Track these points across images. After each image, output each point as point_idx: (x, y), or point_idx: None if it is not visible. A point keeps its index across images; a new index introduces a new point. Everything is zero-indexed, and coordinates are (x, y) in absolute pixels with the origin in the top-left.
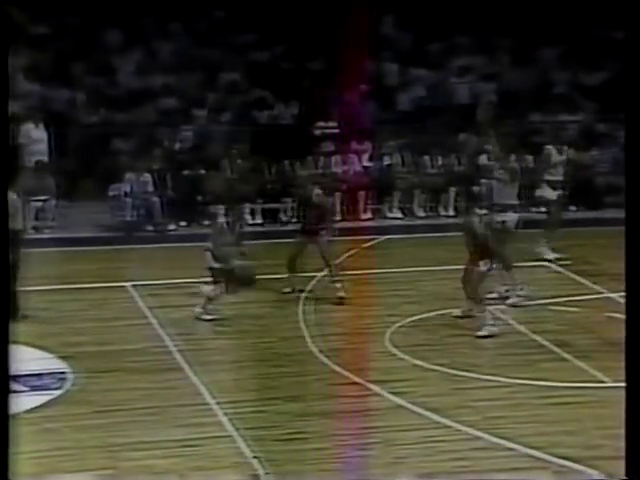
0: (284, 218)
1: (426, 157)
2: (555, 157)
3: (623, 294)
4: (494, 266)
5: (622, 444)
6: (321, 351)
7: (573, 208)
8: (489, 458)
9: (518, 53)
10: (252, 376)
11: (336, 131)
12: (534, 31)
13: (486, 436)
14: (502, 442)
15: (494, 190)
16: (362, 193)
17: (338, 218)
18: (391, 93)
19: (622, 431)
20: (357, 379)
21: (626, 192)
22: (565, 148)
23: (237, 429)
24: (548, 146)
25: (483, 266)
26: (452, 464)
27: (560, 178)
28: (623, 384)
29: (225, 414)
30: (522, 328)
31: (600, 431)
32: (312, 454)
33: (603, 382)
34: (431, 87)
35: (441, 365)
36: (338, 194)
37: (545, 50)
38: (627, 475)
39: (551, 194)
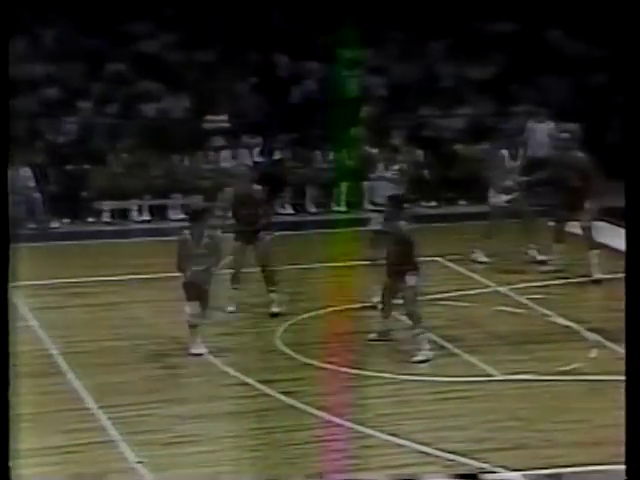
0: (173, 215)
1: (317, 152)
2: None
3: (512, 287)
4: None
5: (509, 436)
6: (210, 351)
7: (462, 202)
8: (379, 455)
9: (407, 46)
10: (136, 378)
11: (227, 125)
12: (422, 24)
13: (376, 433)
14: (392, 439)
15: (382, 189)
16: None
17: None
18: (282, 86)
19: (509, 423)
20: (247, 379)
21: (626, 192)
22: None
23: (121, 434)
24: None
25: (411, 280)
26: (342, 463)
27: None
28: (512, 377)
29: (108, 418)
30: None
31: (488, 424)
32: (199, 457)
33: (492, 376)
34: (322, 80)
35: (331, 363)
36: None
37: (433, 43)
38: (627, 475)
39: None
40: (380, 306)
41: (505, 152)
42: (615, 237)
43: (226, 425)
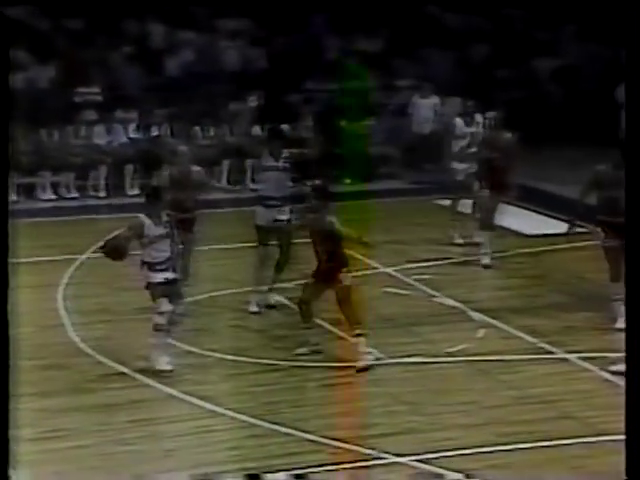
0: (42, 195)
1: (197, 127)
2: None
3: (398, 268)
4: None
5: (396, 420)
6: (84, 340)
7: (348, 181)
8: (265, 445)
9: (288, 17)
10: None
11: (99, 98)
12: None
13: (261, 422)
14: (278, 428)
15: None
16: (129, 167)
17: (103, 195)
18: (158, 57)
19: (397, 407)
20: (124, 369)
21: (626, 192)
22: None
23: None
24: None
25: (347, 279)
26: (226, 454)
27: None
28: (399, 360)
29: None
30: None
31: (376, 409)
32: (72, 452)
33: (380, 359)
34: (200, 51)
35: (214, 350)
36: (102, 168)
37: (315, 15)
38: (627, 475)
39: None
40: (302, 311)
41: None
42: (509, 216)
43: (100, 417)
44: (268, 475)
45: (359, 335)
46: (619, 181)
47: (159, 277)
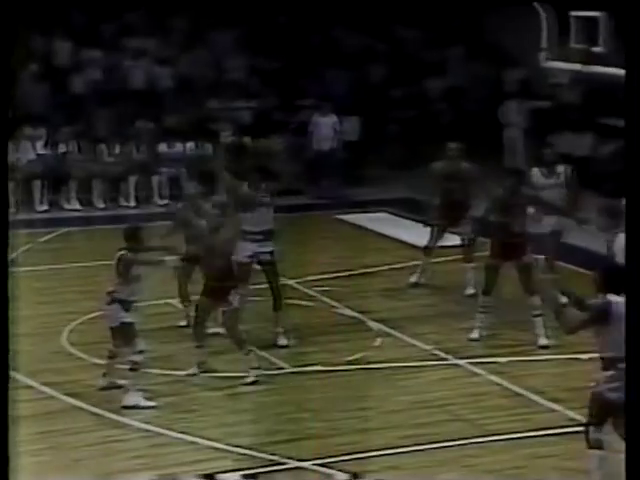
0: None
1: (103, 145)
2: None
3: (300, 280)
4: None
5: (298, 427)
6: None
7: None
8: (170, 454)
9: (193, 36)
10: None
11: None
12: (207, 13)
13: (167, 432)
14: (183, 437)
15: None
16: (37, 183)
17: (12, 210)
18: (64, 75)
19: (299, 415)
20: (30, 382)
21: (626, 192)
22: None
23: None
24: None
25: (235, 300)
26: (131, 462)
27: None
28: (301, 369)
29: None
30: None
31: (279, 417)
32: None
33: (282, 369)
34: (106, 70)
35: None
36: (11, 184)
37: (220, 34)
38: (627, 476)
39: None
40: (195, 330)
41: None
42: (397, 228)
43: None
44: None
45: (248, 353)
46: (510, 207)
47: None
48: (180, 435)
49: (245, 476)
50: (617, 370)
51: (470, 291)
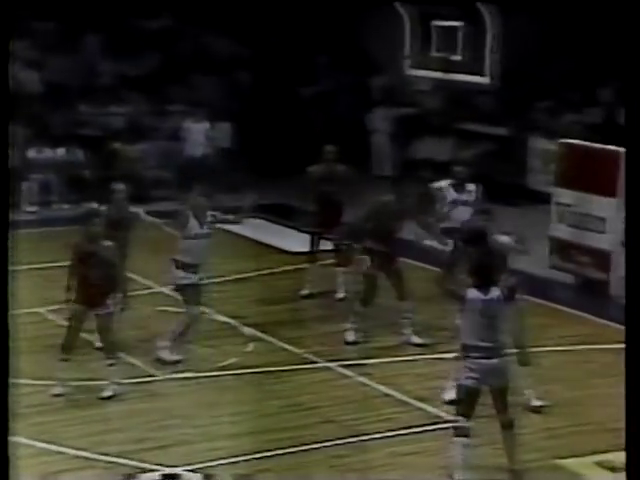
0: None
1: None
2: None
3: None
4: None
5: (168, 434)
6: None
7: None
8: (38, 465)
9: (62, 39)
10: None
11: None
12: (76, 16)
13: (34, 442)
14: (50, 447)
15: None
16: None
17: None
18: None
19: (169, 422)
20: None
21: (626, 192)
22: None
23: None
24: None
25: (111, 306)
26: None
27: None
28: (173, 376)
29: None
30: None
31: (148, 424)
32: None
33: (153, 376)
34: None
35: None
36: None
37: (89, 37)
38: (627, 476)
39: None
40: (67, 339)
41: None
42: (271, 234)
43: None
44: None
45: (111, 365)
46: (390, 213)
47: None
48: (45, 445)
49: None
50: (471, 357)
51: (341, 295)
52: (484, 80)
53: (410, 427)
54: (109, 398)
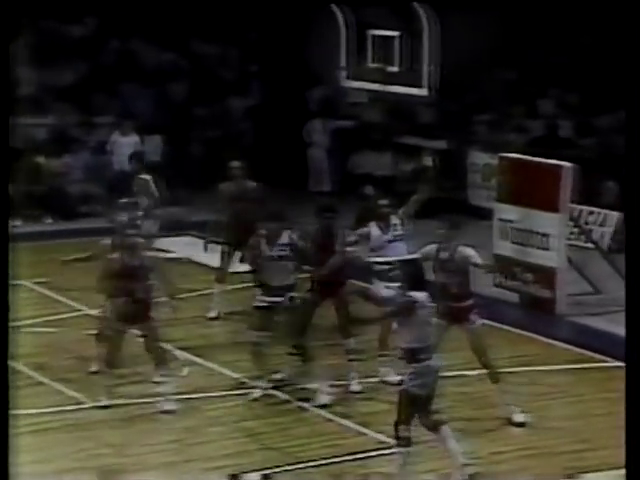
0: None
1: None
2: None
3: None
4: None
5: (102, 463)
6: None
7: (49, 220)
8: None
9: None
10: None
11: None
12: None
13: None
14: None
15: None
16: None
17: None
18: None
19: (102, 450)
20: None
21: (627, 193)
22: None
23: None
24: None
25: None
26: None
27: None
28: (107, 402)
29: None
30: None
31: (79, 454)
32: None
33: (82, 403)
34: None
35: None
36: None
37: (10, 44)
38: (627, 476)
39: None
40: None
41: None
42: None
43: None
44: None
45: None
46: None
47: None
48: None
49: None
50: (418, 362)
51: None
52: (422, 92)
53: (353, 453)
54: (169, 412)
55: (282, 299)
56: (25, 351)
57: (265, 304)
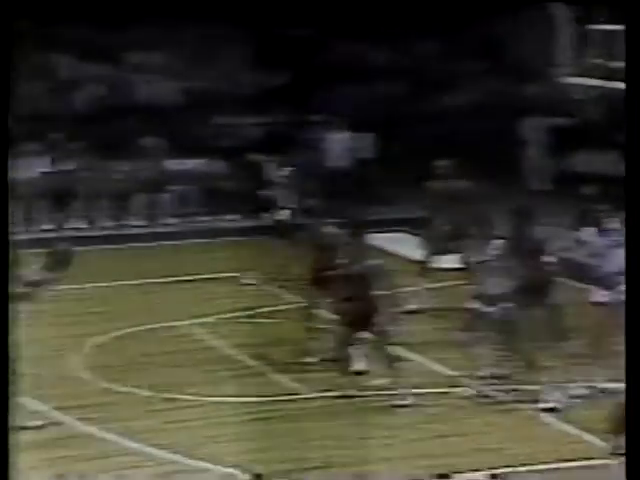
0: None
1: (110, 162)
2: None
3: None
4: None
5: (319, 455)
6: None
7: (265, 215)
8: None
9: (200, 50)
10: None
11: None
12: (216, 26)
13: (183, 458)
14: (199, 463)
15: None
16: (41, 201)
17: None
18: (69, 90)
19: (321, 442)
20: (41, 407)
21: (626, 194)
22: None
23: None
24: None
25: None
26: None
27: None
28: (321, 394)
29: None
30: (217, 343)
31: (300, 443)
32: None
33: (300, 394)
34: (112, 85)
35: (136, 387)
36: (14, 202)
37: (229, 48)
38: (627, 476)
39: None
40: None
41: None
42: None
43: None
44: None
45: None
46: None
47: None
48: (196, 462)
49: None
50: None
51: None
52: None
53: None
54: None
55: (495, 308)
56: (245, 341)
57: (477, 308)
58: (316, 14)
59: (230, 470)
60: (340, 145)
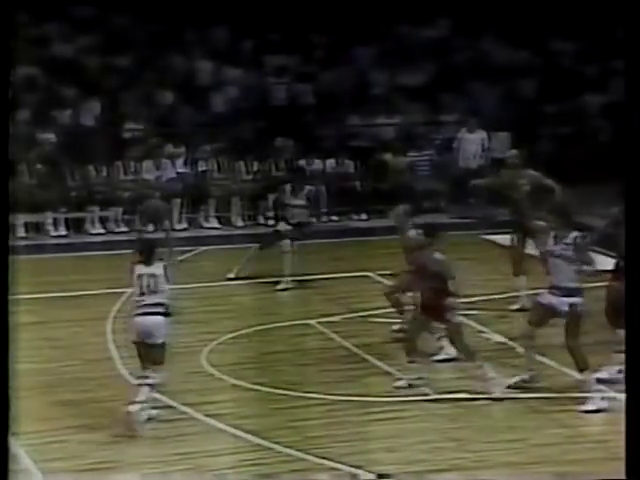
0: (91, 229)
1: (242, 162)
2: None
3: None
4: None
5: (441, 457)
6: (132, 374)
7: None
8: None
9: (333, 52)
10: (52, 403)
11: (148, 134)
12: (348, 29)
13: (307, 457)
14: (324, 462)
15: None
16: (176, 201)
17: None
18: (205, 94)
19: (443, 444)
20: (171, 402)
21: (626, 194)
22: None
23: (35, 462)
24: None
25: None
26: None
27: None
28: (446, 396)
29: (21, 445)
30: (343, 342)
31: (422, 445)
32: None
33: (426, 395)
34: (246, 88)
35: (260, 384)
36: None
37: (361, 49)
38: (627, 476)
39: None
40: (407, 346)
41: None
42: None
43: (146, 450)
44: None
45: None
46: None
47: None
48: (321, 460)
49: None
50: None
51: None
52: None
53: None
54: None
55: (562, 302)
56: (370, 341)
57: (545, 302)
58: (452, 13)
59: (352, 470)
60: (474, 145)
